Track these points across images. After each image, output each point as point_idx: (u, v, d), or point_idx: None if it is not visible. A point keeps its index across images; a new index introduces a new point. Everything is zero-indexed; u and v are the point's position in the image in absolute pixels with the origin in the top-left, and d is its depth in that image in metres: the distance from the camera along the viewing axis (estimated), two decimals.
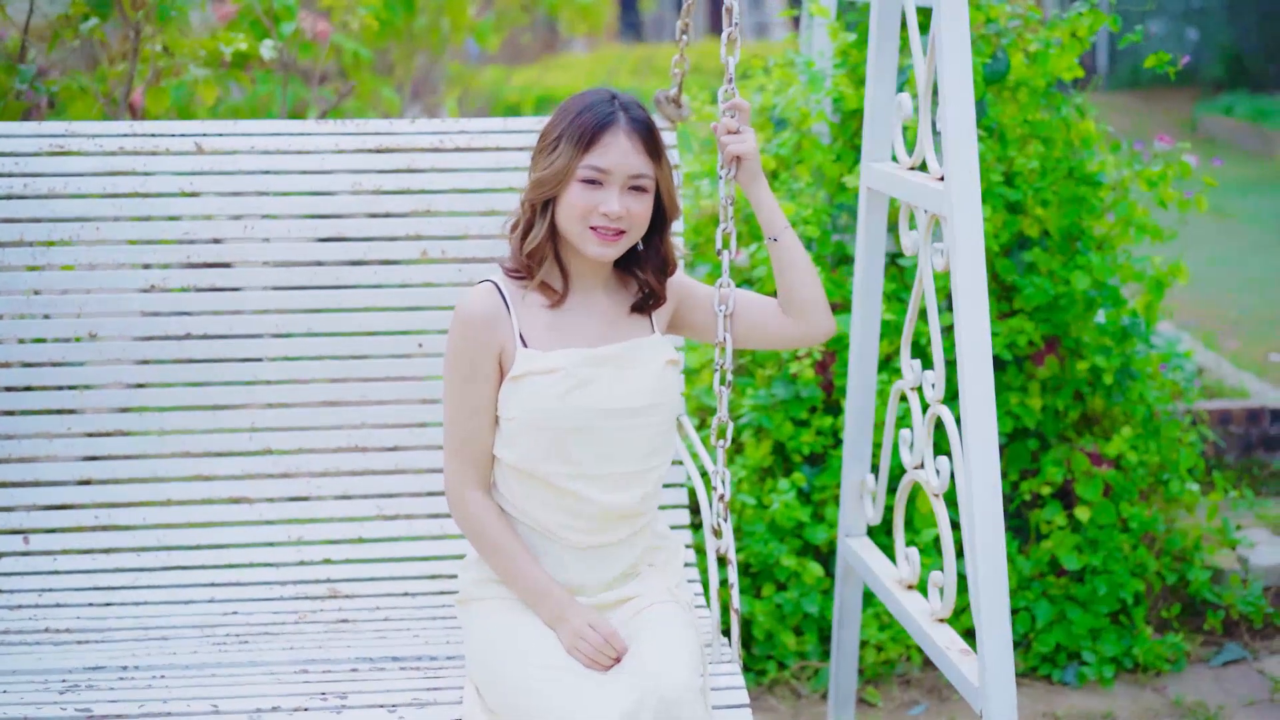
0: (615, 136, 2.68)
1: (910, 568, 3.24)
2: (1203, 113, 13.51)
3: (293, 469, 3.34)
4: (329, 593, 3.26)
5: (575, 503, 2.72)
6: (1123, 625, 4.23)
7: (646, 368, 2.77)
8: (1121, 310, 4.26)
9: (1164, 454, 4.31)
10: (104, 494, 3.29)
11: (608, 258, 2.72)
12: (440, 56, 6.84)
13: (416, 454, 3.36)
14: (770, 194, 2.87)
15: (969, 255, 2.79)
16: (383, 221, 3.34)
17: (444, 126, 3.40)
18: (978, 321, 2.78)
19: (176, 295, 3.29)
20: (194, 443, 3.32)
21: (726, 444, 2.92)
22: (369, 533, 3.34)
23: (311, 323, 3.34)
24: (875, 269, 3.47)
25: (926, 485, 3.09)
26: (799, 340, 2.89)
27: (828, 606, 4.13)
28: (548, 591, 2.72)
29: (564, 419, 2.68)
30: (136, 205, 3.26)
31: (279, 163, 3.32)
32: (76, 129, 3.29)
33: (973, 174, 2.79)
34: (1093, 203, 4.23)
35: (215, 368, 3.30)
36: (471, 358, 2.71)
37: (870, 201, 3.42)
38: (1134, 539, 4.24)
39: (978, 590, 2.79)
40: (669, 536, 2.95)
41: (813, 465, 4.27)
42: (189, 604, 3.22)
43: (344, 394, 3.36)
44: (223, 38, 4.33)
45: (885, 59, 3.36)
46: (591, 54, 16.47)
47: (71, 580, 3.24)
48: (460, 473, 2.77)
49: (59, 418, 3.27)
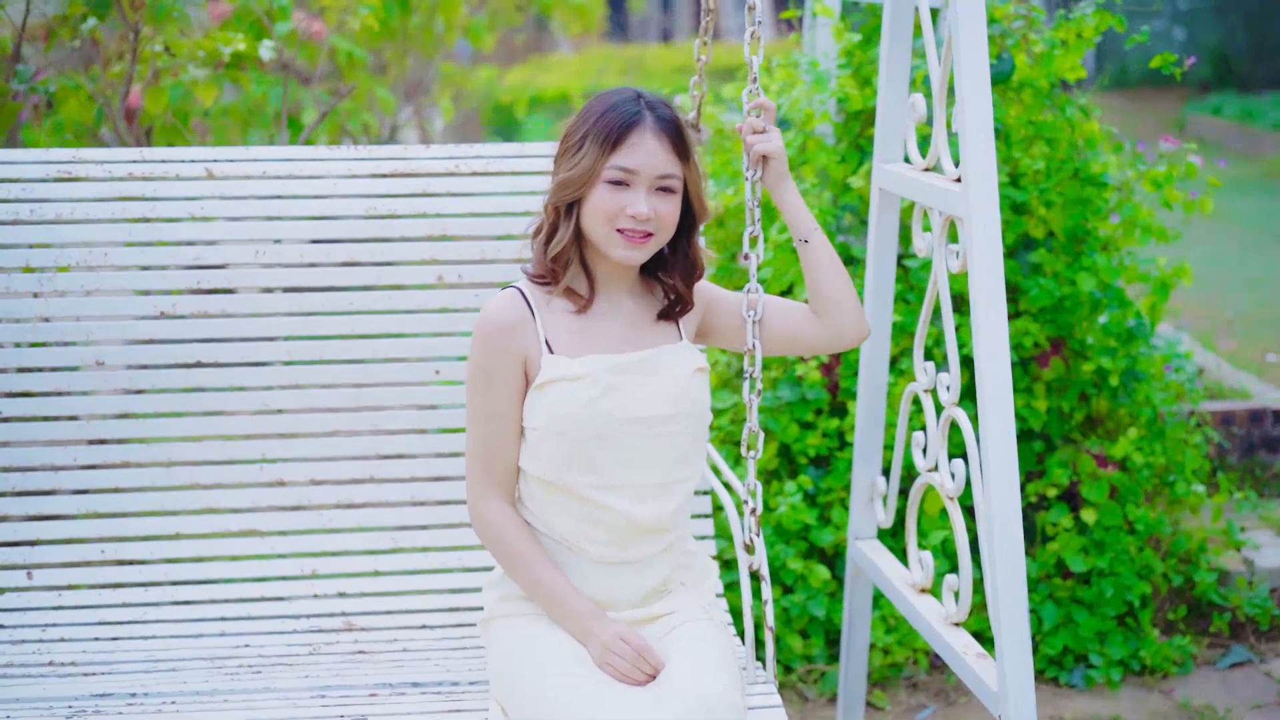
0: (642, 136, 2.57)
1: (924, 571, 3.18)
2: (1191, 113, 13.44)
3: (305, 501, 3.20)
4: (344, 625, 3.13)
5: (600, 514, 2.60)
6: (1129, 628, 4.17)
7: (674, 375, 2.65)
8: (1127, 312, 4.20)
9: (1169, 456, 4.25)
10: (111, 528, 3.15)
11: (635, 261, 2.61)
12: (433, 57, 6.78)
13: (433, 485, 3.24)
14: (798, 195, 2.77)
15: (987, 257, 2.72)
16: (397, 246, 3.22)
17: (459, 152, 3.28)
18: (995, 324, 2.72)
19: (186, 321, 3.16)
20: (203, 474, 3.18)
21: (758, 455, 2.81)
22: (385, 566, 3.21)
23: (324, 350, 3.21)
24: (886, 271, 3.40)
25: (941, 488, 3.03)
26: (831, 344, 2.77)
27: (834, 609, 4.07)
28: (573, 603, 2.59)
29: (589, 426, 2.56)
30: (145, 230, 3.14)
31: (291, 187, 3.20)
32: (84, 155, 3.17)
33: (990, 176, 2.72)
34: (1098, 204, 4.16)
35: (225, 397, 3.17)
36: (494, 365, 2.60)
37: (882, 203, 3.35)
38: (1140, 541, 4.17)
39: (996, 594, 2.72)
40: (699, 555, 2.82)
41: (818, 467, 4.20)
42: (199, 637, 3.09)
43: (358, 423, 3.23)
44: (221, 38, 4.23)
45: (897, 59, 3.27)
46: (578, 54, 16.35)
47: (76, 615, 3.10)
48: (481, 483, 2.65)
49: (64, 449, 3.15)
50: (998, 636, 2.72)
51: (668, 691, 2.45)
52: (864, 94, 4.23)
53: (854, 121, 4.34)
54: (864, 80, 4.27)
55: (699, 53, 3.06)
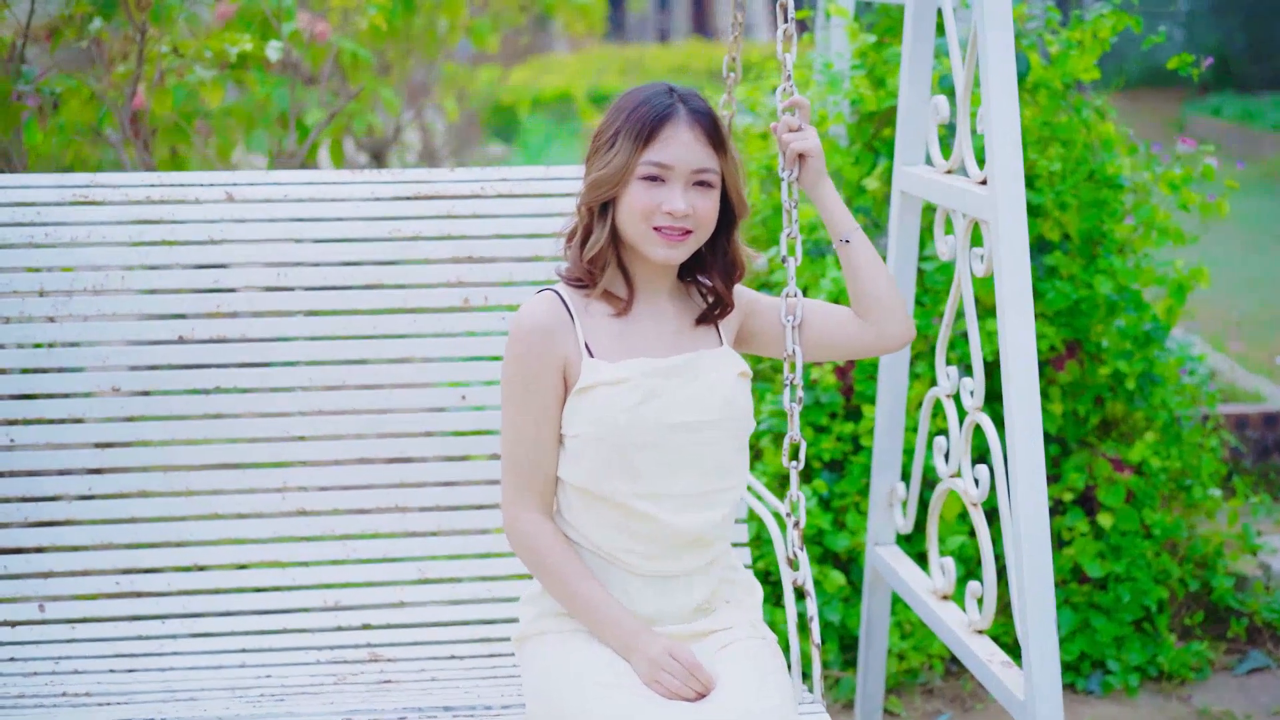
0: (676, 129, 2.46)
1: (946, 578, 3.13)
2: (1190, 114, 13.39)
3: (328, 530, 3.09)
4: (369, 656, 3.02)
5: (642, 525, 2.49)
6: (1146, 633, 4.09)
7: (716, 380, 2.54)
8: (1144, 315, 4.13)
9: (1185, 460, 4.18)
10: (126, 559, 3.03)
11: (674, 260, 2.50)
12: (435, 57, 6.73)
13: (460, 514, 3.13)
14: (836, 194, 2.67)
15: (1013, 261, 2.67)
16: (421, 268, 3.11)
17: (484, 175, 3.19)
18: (1022, 328, 2.67)
19: (204, 346, 3.05)
20: (222, 503, 3.06)
21: (800, 465, 2.70)
22: (410, 597, 3.10)
23: (346, 375, 3.09)
24: (907, 274, 3.34)
25: (965, 494, 2.99)
26: (874, 348, 2.67)
27: (849, 615, 3.99)
28: (617, 617, 2.46)
29: (631, 433, 2.46)
30: (163, 254, 3.04)
31: (312, 210, 3.10)
32: (101, 179, 3.06)
33: (1017, 178, 2.67)
34: (1114, 206, 4.07)
35: (245, 424, 3.05)
36: (533, 370, 2.49)
37: (903, 205, 3.29)
38: (1157, 546, 4.09)
39: (1023, 602, 2.67)
40: (742, 571, 2.70)
41: (833, 472, 4.13)
42: (219, 669, 2.98)
43: (382, 450, 3.11)
44: (229, 38, 4.13)
45: (919, 60, 3.22)
46: (575, 55, 16.26)
47: (91, 648, 2.99)
48: (517, 495, 2.53)
49: (79, 477, 3.04)
50: (1025, 645, 2.68)
51: (717, 709, 2.35)
52: (878, 95, 4.16)
53: (868, 123, 4.28)
54: (877, 81, 4.22)
55: (727, 69, 3.00)
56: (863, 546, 3.98)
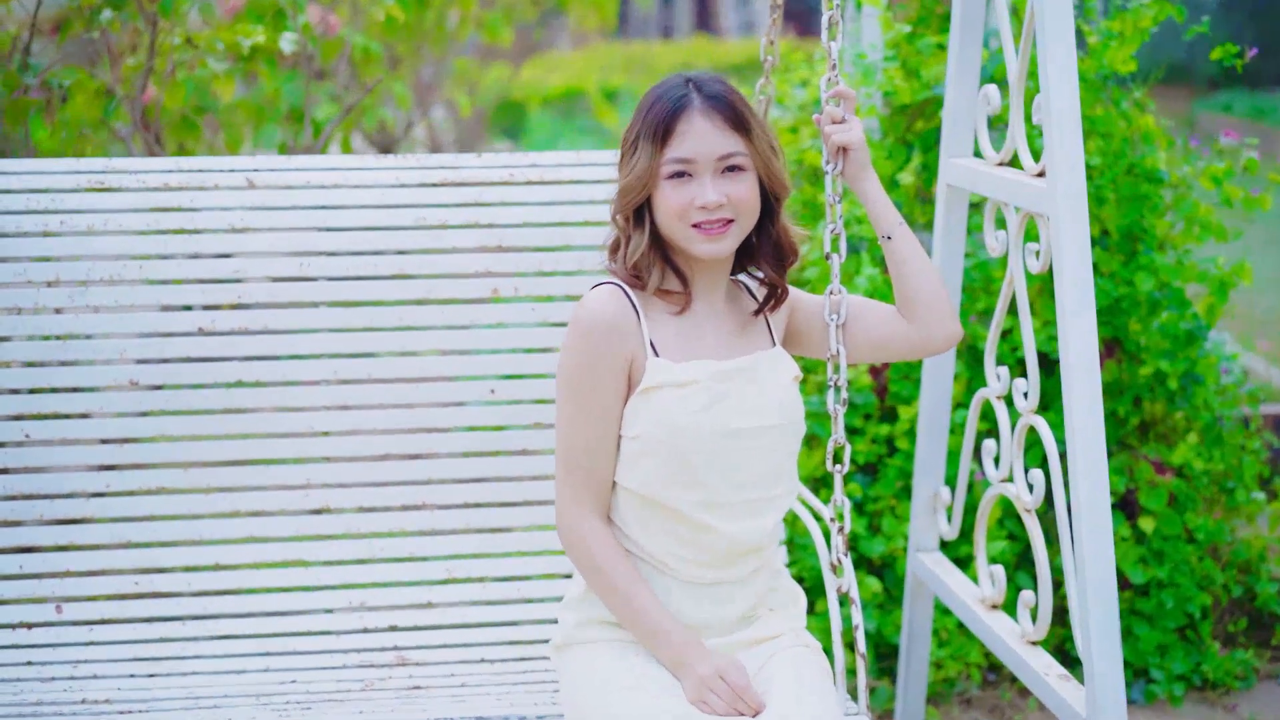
0: (690, 121, 2.40)
1: (995, 587, 3.08)
2: (1200, 110, 13.39)
3: (353, 529, 3.06)
4: (397, 660, 2.98)
5: (701, 534, 2.44)
6: (1189, 641, 4.03)
7: (774, 383, 2.50)
8: (1185, 313, 4.06)
9: (1227, 461, 4.12)
10: (145, 558, 3.00)
11: (721, 254, 2.44)
12: (445, 52, 6.67)
13: (489, 511, 3.09)
14: (881, 188, 2.61)
15: (1075, 257, 2.61)
16: (449, 258, 3.07)
17: (513, 160, 3.14)
18: (1084, 328, 2.61)
19: (225, 339, 3.00)
20: (244, 501, 3.03)
21: (844, 469, 2.67)
22: (439, 597, 3.06)
23: (372, 368, 3.06)
24: (954, 271, 3.28)
25: (1017, 500, 2.94)
26: (920, 349, 2.60)
27: (885, 623, 3.93)
28: (671, 632, 2.41)
29: (695, 438, 2.40)
30: (182, 243, 2.99)
31: (336, 197, 3.05)
32: (116, 165, 3.02)
33: (1079, 170, 2.60)
34: (1154, 200, 4.01)
35: (267, 418, 3.02)
36: (598, 365, 2.41)
37: (950, 199, 3.23)
38: (1200, 550, 4.04)
39: (1085, 615, 2.61)
40: (787, 577, 2.67)
41: (867, 475, 4.07)
42: (241, 674, 2.93)
43: (408, 446, 3.07)
44: (242, 30, 4.09)
45: (969, 49, 3.15)
46: (578, 52, 16.21)
47: (109, 651, 2.95)
48: (575, 499, 2.45)
49: (95, 474, 3.00)
50: (1088, 659, 2.61)
51: None
52: (911, 86, 4.10)
53: (900, 116, 4.21)
54: (911, 71, 4.14)
55: (765, 53, 2.98)
56: (899, 552, 3.93)
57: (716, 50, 15.47)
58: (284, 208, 3.04)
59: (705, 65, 13.25)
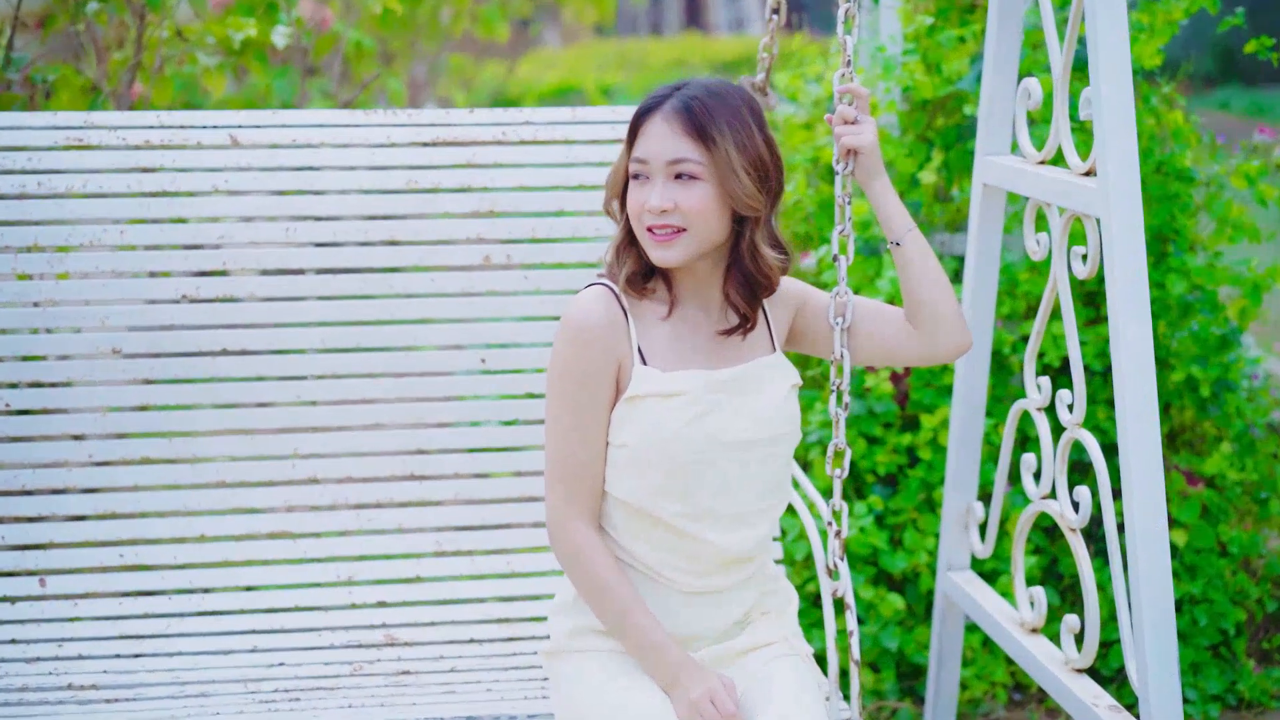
0: (654, 123, 2.41)
1: (1036, 611, 3.03)
2: (1197, 107, 13.35)
3: (341, 500, 3.08)
4: (386, 639, 3.00)
5: (691, 545, 2.45)
6: (1223, 658, 3.97)
7: (770, 394, 2.50)
8: (1217, 318, 4.00)
9: (1260, 471, 4.04)
10: (129, 529, 3.02)
11: (669, 262, 2.41)
12: (439, 48, 6.60)
13: (479, 483, 3.11)
14: (893, 192, 2.58)
15: (1129, 261, 2.54)
16: (441, 223, 3.09)
17: (507, 117, 3.16)
18: (1140, 337, 2.54)
19: (210, 306, 3.02)
20: (230, 471, 3.05)
21: (844, 474, 2.61)
22: (427, 570, 3.09)
23: (361, 336, 3.08)
24: (989, 274, 3.23)
25: (1060, 519, 2.88)
26: (927, 357, 2.58)
27: (907, 641, 3.87)
28: (664, 649, 2.42)
29: (684, 451, 2.41)
30: (165, 206, 3.00)
31: (323, 157, 3.06)
32: (96, 119, 3.03)
33: (1133, 169, 2.54)
34: (1185, 200, 3.96)
35: (254, 387, 3.05)
36: (587, 369, 2.41)
37: (986, 199, 3.17)
38: (1234, 564, 3.98)
39: (1142, 644, 2.54)
40: (780, 579, 2.68)
41: (887, 486, 4.00)
42: (229, 654, 2.96)
43: (398, 416, 3.10)
44: (233, 23, 4.11)
45: (1007, 38, 3.09)
46: (568, 49, 16.19)
47: (94, 628, 2.97)
48: (566, 503, 2.46)
49: (78, 444, 3.01)
50: (1143, 691, 2.55)
51: None
52: (932, 81, 4.06)
53: (921, 112, 4.16)
54: (931, 65, 4.03)
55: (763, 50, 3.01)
56: (921, 567, 3.88)
57: (708, 47, 15.43)
58: (270, 168, 3.06)
59: (698, 61, 13.18)
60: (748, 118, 2.42)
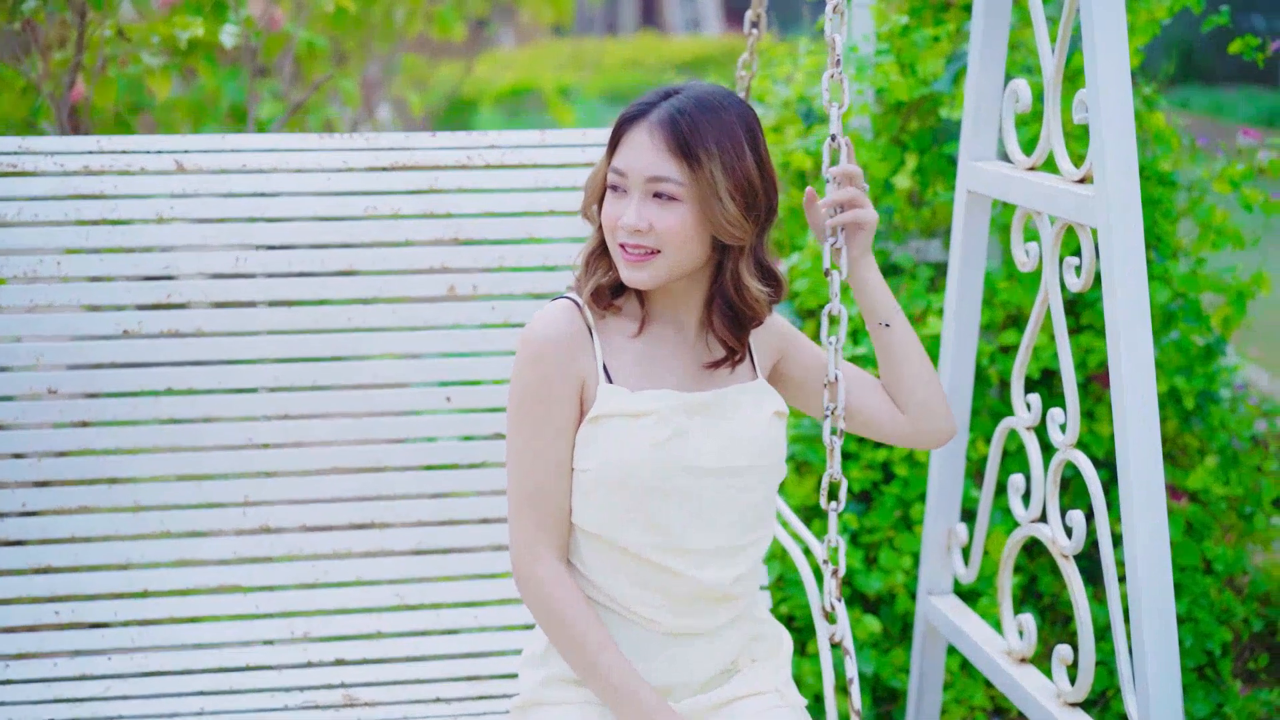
0: (636, 133, 2.24)
1: (1025, 640, 2.92)
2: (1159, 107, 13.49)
3: (295, 550, 2.93)
4: (345, 700, 2.84)
5: (664, 579, 2.30)
6: (1209, 680, 3.85)
7: (750, 419, 2.33)
8: (1201, 326, 3.89)
9: (1245, 484, 3.94)
10: (66, 584, 2.86)
11: (641, 284, 2.27)
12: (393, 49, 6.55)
13: (443, 531, 2.97)
14: (879, 273, 2.45)
15: (1130, 273, 2.44)
16: (402, 251, 2.94)
17: (470, 140, 3.01)
18: (1140, 352, 2.45)
19: (153, 341, 2.86)
20: (175, 520, 2.90)
21: (840, 506, 2.47)
22: (388, 626, 2.94)
23: (317, 374, 2.93)
24: (974, 282, 3.10)
25: (1052, 544, 2.77)
26: (908, 441, 2.48)
27: (883, 665, 3.74)
28: (641, 698, 2.25)
29: (651, 475, 2.25)
30: (104, 235, 2.84)
31: (276, 183, 2.90)
32: (31, 145, 2.86)
33: (1132, 175, 2.44)
34: (1167, 205, 3.86)
35: (201, 429, 2.90)
36: (549, 389, 2.27)
37: (970, 207, 3.05)
38: (1218, 582, 3.87)
39: (1146, 680, 2.44)
40: (771, 622, 2.52)
41: (861, 503, 3.88)
42: (174, 718, 2.79)
43: (356, 459, 2.96)
44: (179, 22, 3.95)
45: (993, 41, 2.97)
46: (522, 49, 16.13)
47: (28, 691, 2.80)
48: (530, 536, 2.30)
49: (9, 492, 2.85)
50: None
51: None
52: (907, 83, 3.94)
53: (894, 114, 4.04)
54: (905, 66, 3.92)
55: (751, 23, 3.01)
56: (898, 588, 3.77)
57: (664, 47, 15.56)
58: (218, 194, 2.91)
59: (653, 62, 13.09)
60: (740, 135, 2.26)
